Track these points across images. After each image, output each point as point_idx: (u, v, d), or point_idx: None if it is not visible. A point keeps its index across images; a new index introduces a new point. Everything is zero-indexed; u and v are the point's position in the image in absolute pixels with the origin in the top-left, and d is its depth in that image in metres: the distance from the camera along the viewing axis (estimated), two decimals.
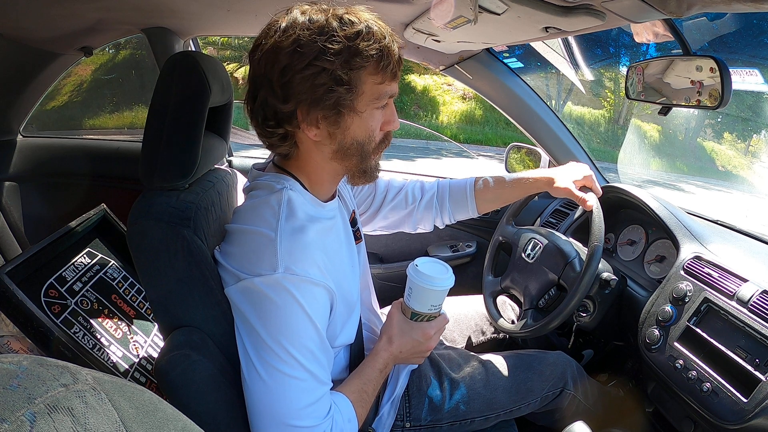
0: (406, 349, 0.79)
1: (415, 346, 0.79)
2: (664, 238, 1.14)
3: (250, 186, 0.76)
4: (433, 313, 0.78)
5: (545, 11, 0.76)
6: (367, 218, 1.05)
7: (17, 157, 1.72)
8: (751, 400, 0.75)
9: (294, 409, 0.63)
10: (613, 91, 11.15)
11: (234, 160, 1.82)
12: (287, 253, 0.63)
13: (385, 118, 0.71)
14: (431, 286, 0.74)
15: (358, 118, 0.67)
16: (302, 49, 0.62)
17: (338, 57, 0.62)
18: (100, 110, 8.17)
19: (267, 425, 0.64)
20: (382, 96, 0.67)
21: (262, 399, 0.63)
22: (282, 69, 0.63)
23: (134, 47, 8.20)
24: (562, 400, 1.01)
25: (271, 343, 0.63)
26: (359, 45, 0.63)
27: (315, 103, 0.64)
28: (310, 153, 0.72)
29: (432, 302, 0.77)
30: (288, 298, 0.62)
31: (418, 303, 0.77)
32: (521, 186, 1.05)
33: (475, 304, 1.24)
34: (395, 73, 0.67)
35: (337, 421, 0.68)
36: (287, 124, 0.67)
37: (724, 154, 10.72)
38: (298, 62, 0.62)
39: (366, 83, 0.65)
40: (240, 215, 0.72)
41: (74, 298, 1.12)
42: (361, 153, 0.70)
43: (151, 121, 0.72)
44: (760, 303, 0.82)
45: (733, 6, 0.63)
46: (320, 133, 0.68)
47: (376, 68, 0.65)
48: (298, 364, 0.63)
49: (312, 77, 0.62)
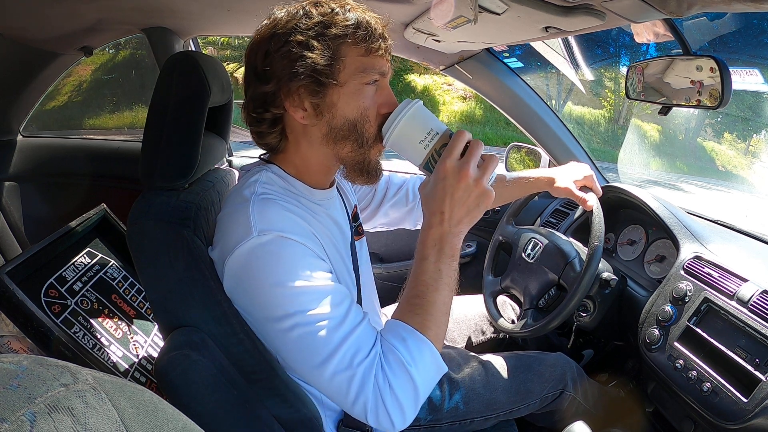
0: (457, 203, 0.60)
1: (463, 192, 0.60)
2: (664, 238, 1.14)
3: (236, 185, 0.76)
4: (434, 143, 0.62)
5: (545, 11, 0.76)
6: (367, 215, 1.05)
7: (17, 157, 1.72)
8: (751, 400, 0.75)
9: (319, 360, 0.58)
10: (613, 91, 11.16)
11: (234, 160, 1.83)
12: (259, 218, 0.62)
13: (381, 99, 0.68)
14: (405, 114, 0.62)
15: (343, 91, 0.66)
16: (279, 31, 0.64)
17: (312, 30, 0.63)
18: (100, 110, 8.18)
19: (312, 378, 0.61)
20: (368, 69, 0.66)
21: (291, 359, 0.62)
22: (263, 54, 0.66)
23: (134, 47, 8.21)
24: (561, 401, 1.01)
25: (267, 302, 0.61)
26: (334, 18, 0.64)
27: (292, 77, 0.64)
28: (298, 141, 0.70)
29: (418, 135, 0.63)
30: (266, 256, 0.60)
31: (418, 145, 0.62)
32: (522, 185, 1.06)
33: (475, 303, 1.24)
34: (380, 48, 0.66)
35: (387, 353, 0.59)
36: (272, 107, 0.67)
37: (724, 154, 10.72)
38: (275, 43, 0.64)
39: (348, 56, 0.65)
40: (223, 205, 0.72)
41: (74, 298, 1.12)
42: (356, 136, 0.67)
43: (151, 121, 0.73)
44: (760, 303, 0.82)
45: (733, 6, 0.63)
46: (307, 114, 0.67)
47: (355, 38, 0.64)
48: (303, 311, 0.59)
49: (287, 53, 0.64)
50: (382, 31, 0.67)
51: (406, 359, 0.58)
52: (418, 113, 0.63)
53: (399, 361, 0.58)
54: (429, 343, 0.60)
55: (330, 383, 0.59)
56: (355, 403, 0.58)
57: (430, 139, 0.62)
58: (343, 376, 0.58)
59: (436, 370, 0.62)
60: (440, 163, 0.61)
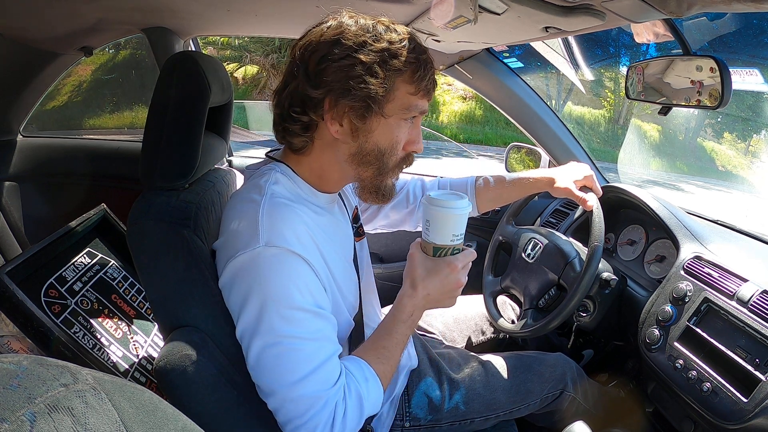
0: (434, 288, 0.71)
1: (443, 284, 0.71)
2: (664, 238, 1.14)
3: (243, 184, 0.76)
4: (456, 244, 0.71)
5: (545, 11, 0.76)
6: (368, 217, 1.05)
7: (17, 157, 1.73)
8: (751, 400, 0.75)
9: (293, 380, 0.62)
10: (613, 91, 11.16)
11: (234, 160, 1.83)
12: (268, 226, 0.62)
13: (411, 137, 0.71)
14: (450, 212, 0.68)
15: (384, 122, 0.67)
16: (345, 40, 0.63)
17: (378, 54, 0.63)
18: (100, 110, 8.18)
19: (274, 403, 0.63)
20: (411, 108, 0.68)
21: (263, 375, 0.63)
22: (320, 57, 0.64)
23: (134, 47, 8.21)
24: (561, 401, 1.01)
25: (260, 316, 0.62)
26: (401, 50, 0.64)
27: (344, 94, 0.64)
28: (323, 151, 0.71)
29: (453, 231, 0.70)
30: (270, 270, 0.61)
31: (438, 235, 0.70)
32: (521, 186, 1.05)
33: (475, 304, 1.24)
34: (429, 90, 0.68)
35: (351, 386, 0.66)
36: (312, 112, 0.67)
37: (724, 154, 10.72)
38: (338, 51, 0.63)
39: (399, 90, 0.66)
40: (229, 201, 0.72)
41: (74, 298, 1.12)
42: (380, 165, 0.70)
43: (151, 121, 0.73)
44: (760, 303, 0.82)
45: (733, 6, 0.63)
46: (342, 130, 0.67)
47: (412, 77, 0.66)
48: (290, 335, 0.62)
49: (348, 68, 0.63)
50: (436, 73, 0.68)
51: (365, 395, 0.66)
52: (464, 220, 0.71)
53: (359, 396, 0.66)
54: (381, 387, 0.70)
55: (294, 401, 0.62)
56: (305, 423, 0.62)
57: (459, 238, 0.71)
58: (310, 398, 0.62)
59: (376, 409, 0.70)
60: (453, 260, 0.71)
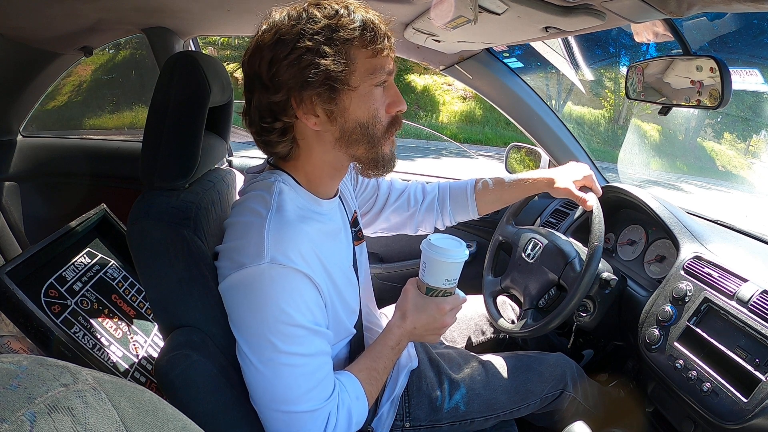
0: (420, 324, 0.77)
1: (430, 322, 0.77)
2: (664, 238, 1.14)
3: (244, 189, 0.76)
4: (448, 288, 0.77)
5: (545, 11, 0.76)
6: (368, 220, 1.05)
7: (17, 157, 1.73)
8: (751, 400, 0.75)
9: (292, 396, 0.63)
10: (613, 91, 11.15)
11: (234, 160, 1.83)
12: (274, 243, 0.62)
13: (389, 99, 0.69)
14: (445, 259, 0.73)
15: (356, 95, 0.66)
16: (284, 37, 0.63)
17: (319, 35, 0.62)
18: (100, 110, 8.17)
19: (268, 413, 0.64)
20: (377, 71, 0.66)
21: (259, 388, 0.64)
22: (268, 63, 0.64)
23: (134, 47, 8.20)
24: (561, 401, 1.01)
25: (262, 332, 0.62)
26: (340, 20, 0.63)
27: (305, 86, 0.63)
28: (311, 147, 0.70)
29: (446, 276, 0.76)
30: (274, 288, 0.62)
31: (432, 277, 0.76)
32: (521, 187, 1.05)
33: (475, 304, 1.24)
34: (386, 47, 0.67)
35: (344, 400, 0.68)
36: (283, 116, 0.66)
37: (724, 154, 10.72)
38: (281, 50, 0.63)
39: (357, 59, 0.65)
40: (234, 209, 0.72)
41: (74, 298, 1.12)
42: (369, 137, 0.69)
43: (151, 121, 0.72)
44: (760, 303, 0.82)
45: (733, 6, 0.63)
46: (320, 120, 0.67)
47: (363, 41, 0.64)
48: (291, 352, 0.63)
49: (297, 61, 0.62)
50: (386, 29, 0.67)
51: (354, 412, 0.69)
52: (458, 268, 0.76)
53: (349, 411, 0.69)
54: (368, 408, 0.73)
55: (289, 415, 0.64)
56: None
57: (451, 283, 0.77)
58: (306, 413, 0.64)
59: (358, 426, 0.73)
60: (443, 302, 0.77)
